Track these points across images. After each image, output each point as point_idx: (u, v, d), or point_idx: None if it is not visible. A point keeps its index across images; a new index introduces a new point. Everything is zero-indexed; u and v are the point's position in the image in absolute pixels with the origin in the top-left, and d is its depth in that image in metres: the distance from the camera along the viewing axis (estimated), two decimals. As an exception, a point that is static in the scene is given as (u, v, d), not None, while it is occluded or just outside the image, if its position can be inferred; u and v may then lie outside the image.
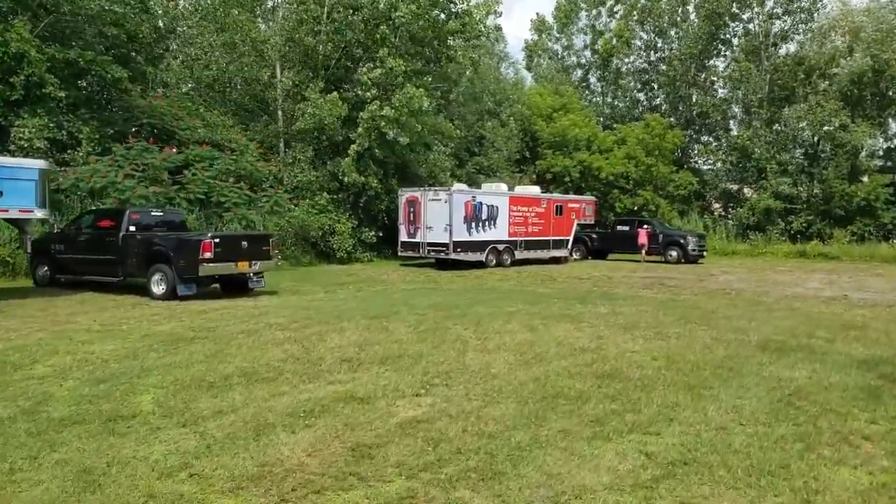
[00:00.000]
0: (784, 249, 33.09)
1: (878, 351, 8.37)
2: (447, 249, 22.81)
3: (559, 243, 27.67)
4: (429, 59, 27.77)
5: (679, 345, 8.56)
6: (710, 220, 37.72)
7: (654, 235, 28.94)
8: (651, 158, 37.22)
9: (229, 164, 21.07)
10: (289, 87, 25.49)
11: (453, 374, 6.66)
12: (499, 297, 13.86)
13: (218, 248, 13.79)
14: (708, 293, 16.37)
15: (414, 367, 6.91)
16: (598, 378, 6.65)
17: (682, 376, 6.78)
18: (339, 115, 24.55)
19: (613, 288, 17.44)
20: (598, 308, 12.34)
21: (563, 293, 15.47)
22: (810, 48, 37.09)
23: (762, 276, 21.92)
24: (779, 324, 10.77)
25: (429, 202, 23.43)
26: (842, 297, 16.17)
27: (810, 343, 8.84)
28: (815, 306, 13.92)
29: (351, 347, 7.89)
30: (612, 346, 8.39)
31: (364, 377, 6.42)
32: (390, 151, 26.32)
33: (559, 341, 8.63)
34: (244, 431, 4.82)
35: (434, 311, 11.18)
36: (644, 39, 46.22)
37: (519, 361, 7.36)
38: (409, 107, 24.57)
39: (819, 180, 35.81)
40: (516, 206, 25.59)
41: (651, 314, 11.59)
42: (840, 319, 11.60)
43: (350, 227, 24.95)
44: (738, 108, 41.06)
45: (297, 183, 25.09)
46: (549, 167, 36.68)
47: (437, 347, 8.01)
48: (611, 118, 44.85)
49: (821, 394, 6.19)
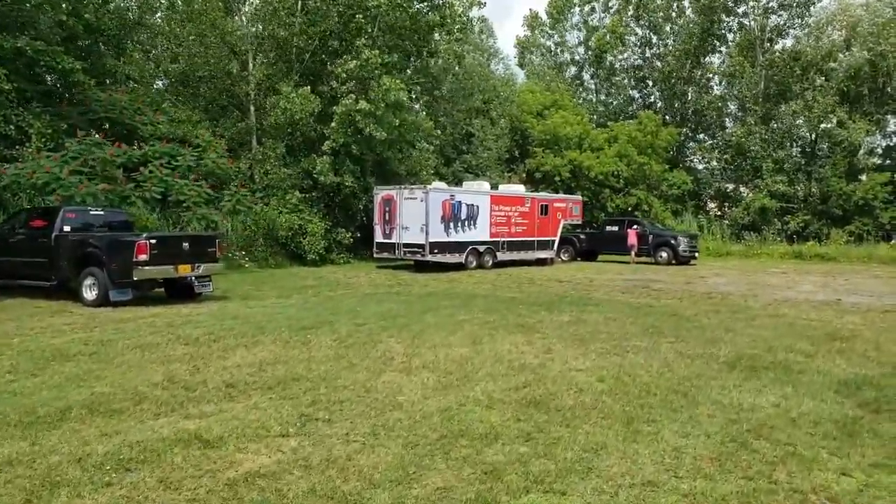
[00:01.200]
0: (780, 250, 31.94)
1: (863, 369, 7.26)
2: (423, 251, 21.71)
3: (544, 244, 26.54)
4: (409, 52, 26.67)
5: (635, 362, 7.46)
6: (705, 220, 36.55)
7: (643, 236, 27.82)
8: (643, 157, 36.07)
9: (190, 161, 20.00)
10: (260, 81, 24.40)
11: (348, 403, 5.56)
12: (460, 304, 12.77)
13: (155, 250, 12.71)
14: (691, 297, 15.28)
15: (306, 394, 5.81)
16: (522, 407, 5.55)
17: (624, 404, 5.68)
18: (312, 109, 23.47)
19: (592, 292, 16.34)
20: (561, 316, 11.24)
21: (534, 298, 14.38)
22: (806, 43, 35.93)
23: (753, 279, 20.81)
24: (758, 334, 9.66)
25: (404, 201, 22.33)
26: (834, 301, 15.08)
27: (787, 359, 7.74)
28: (804, 312, 12.82)
29: (248, 368, 6.80)
30: (557, 364, 7.29)
31: (234, 409, 5.33)
32: (368, 148, 25.24)
33: (499, 357, 7.53)
34: (12, 496, 3.71)
35: (376, 321, 10.08)
36: (638, 35, 45.12)
37: (438, 385, 6.26)
38: (385, 100, 23.49)
39: (816, 179, 34.69)
40: (498, 205, 24.47)
41: (618, 323, 10.49)
42: (827, 328, 10.49)
43: (323, 228, 23.85)
44: (734, 104, 39.91)
45: (268, 181, 24.02)
46: (539, 166, 35.54)
47: (350, 367, 6.92)
48: (605, 116, 43.71)
49: (786, 429, 5.09)
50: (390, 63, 24.46)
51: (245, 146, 25.14)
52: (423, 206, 21.70)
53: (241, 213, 20.45)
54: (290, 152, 25.06)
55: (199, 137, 20.82)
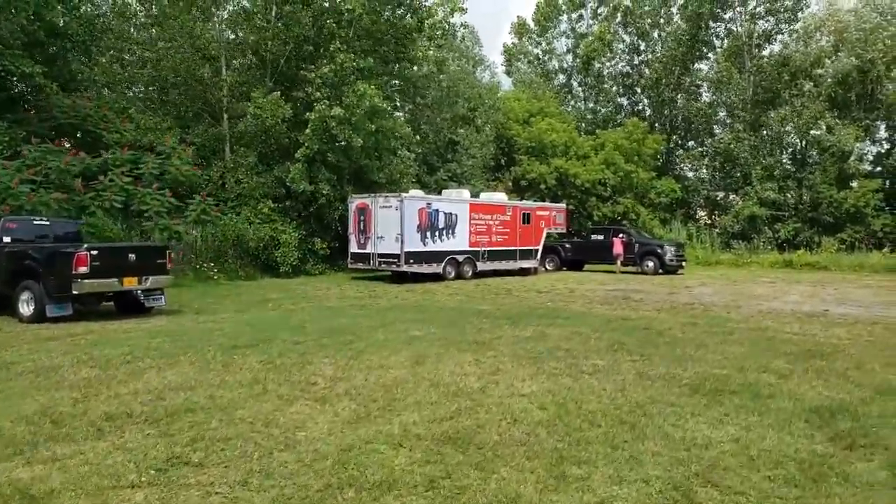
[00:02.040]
0: (770, 259, 31.25)
1: (841, 392, 6.50)
2: (398, 261, 20.94)
3: (527, 253, 25.78)
4: (386, 58, 25.98)
5: (587, 385, 6.69)
6: (694, 228, 35.85)
7: (629, 245, 27.10)
8: (630, 165, 35.41)
9: (153, 169, 19.23)
10: (233, 87, 23.65)
11: (235, 441, 4.77)
12: (421, 318, 11.99)
13: (96, 262, 11.93)
14: (671, 309, 14.54)
15: (192, 428, 5.03)
16: (439, 444, 4.78)
17: (558, 439, 4.91)
18: (283, 116, 22.73)
19: (569, 303, 15.58)
20: (524, 330, 10.46)
21: (504, 310, 13.61)
22: (795, 49, 35.39)
23: (740, 289, 20.08)
24: (732, 351, 8.90)
25: (379, 209, 21.58)
26: (821, 312, 14.37)
27: (758, 381, 6.97)
28: (787, 325, 12.08)
29: (145, 395, 6.01)
30: (500, 388, 6.52)
31: (95, 450, 4.52)
32: (344, 156, 24.52)
33: (437, 381, 6.76)
34: None
35: (318, 338, 9.30)
36: (626, 42, 44.60)
37: (353, 417, 5.48)
38: (361, 106, 22.78)
39: (806, 186, 34.06)
40: (478, 213, 23.72)
41: (582, 339, 9.72)
42: (808, 343, 9.73)
43: (297, 238, 23.05)
44: (723, 111, 39.31)
45: (239, 190, 23.24)
46: (525, 173, 34.84)
47: (261, 395, 6.13)
48: (593, 123, 43.09)
49: (741, 472, 4.31)
50: (366, 68, 23.76)
51: (218, 154, 24.38)
52: (398, 214, 20.96)
53: (207, 223, 19.63)
54: (263, 160, 24.31)
55: (162, 144, 20.02)
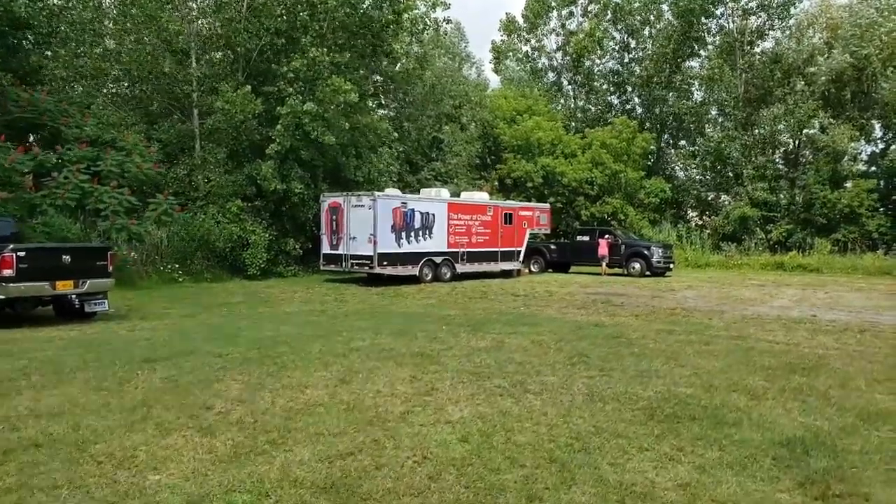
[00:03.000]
0: (761, 261, 30.37)
1: (819, 419, 5.60)
2: (371, 263, 20.03)
3: (509, 255, 24.87)
4: (363, 52, 25.06)
5: (528, 409, 5.79)
6: (684, 229, 34.94)
7: (615, 246, 26.22)
8: (619, 164, 34.50)
9: (112, 167, 18.27)
10: (201, 80, 22.69)
11: (57, 490, 3.86)
12: (376, 326, 11.09)
13: (24, 264, 11.04)
14: (650, 314, 13.67)
15: (13, 474, 4.11)
16: (315, 492, 3.87)
17: (466, 486, 4.01)
18: (253, 111, 21.81)
19: (544, 308, 14.70)
20: (481, 340, 9.57)
21: (469, 316, 12.72)
22: (787, 45, 34.53)
23: (727, 292, 19.22)
24: (704, 365, 8.02)
25: (352, 209, 20.68)
26: (809, 318, 13.52)
27: (726, 403, 6.08)
28: (770, 333, 11.22)
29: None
30: (426, 413, 5.61)
31: None
32: (319, 153, 23.61)
33: (356, 404, 5.85)
34: None
35: (247, 350, 8.39)
36: (616, 40, 43.71)
37: (231, 453, 4.56)
38: (334, 101, 21.88)
39: (799, 186, 33.22)
40: (457, 213, 22.80)
41: (542, 349, 8.83)
42: (791, 355, 8.86)
43: (267, 239, 22.13)
44: (714, 110, 38.43)
45: (208, 188, 22.31)
46: (510, 172, 33.92)
47: (139, 422, 5.21)
48: (583, 122, 42.17)
49: (682, 534, 3.43)
50: (341, 63, 22.85)
51: (187, 151, 23.44)
52: (371, 214, 20.07)
53: (168, 223, 18.68)
54: (233, 158, 23.37)
55: (122, 140, 19.05)
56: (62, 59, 21.33)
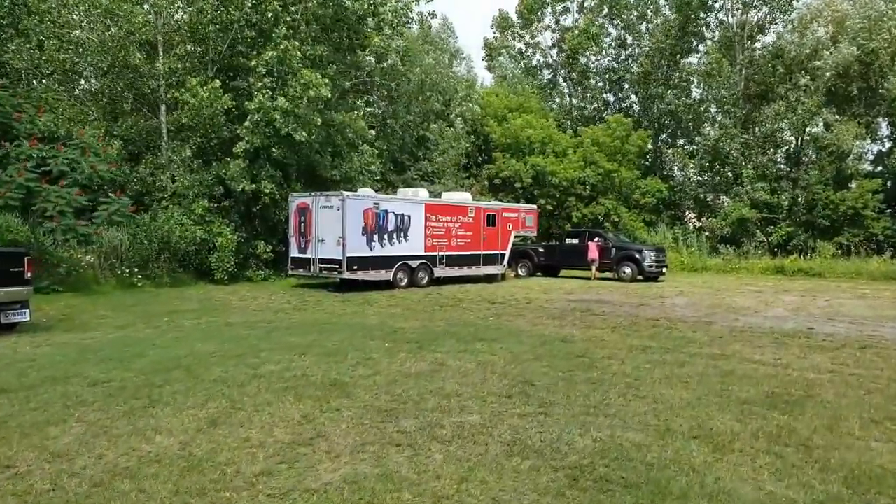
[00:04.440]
0: (760, 265, 29.00)
1: (793, 487, 4.31)
2: (340, 267, 18.79)
3: (492, 258, 23.57)
4: (339, 46, 23.81)
5: (422, 468, 4.53)
6: (681, 231, 33.57)
7: (605, 249, 24.92)
8: (613, 163, 33.15)
9: (63, 165, 17.11)
10: (168, 75, 21.49)
11: None
12: (307, 343, 9.85)
13: (-81, 272, 9.87)
14: (629, 326, 12.41)
15: None
16: None
17: None
18: (221, 107, 20.60)
19: (515, 318, 13.45)
20: (420, 361, 8.31)
21: (425, 329, 11.47)
22: (790, 40, 33.12)
23: (720, 300, 17.92)
24: (669, 396, 6.75)
25: (320, 210, 19.44)
26: (805, 331, 12.26)
27: (679, 458, 4.80)
28: (758, 350, 9.97)
29: None
30: (290, 474, 4.37)
31: None
32: (291, 151, 22.39)
33: (202, 460, 4.61)
34: None
35: (134, 376, 7.16)
36: (613, 36, 42.37)
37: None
38: (306, 96, 20.66)
39: (801, 186, 31.81)
40: (435, 215, 21.53)
41: (484, 374, 7.57)
42: (776, 381, 7.59)
43: (235, 242, 20.91)
44: (713, 107, 37.01)
45: (174, 188, 21.12)
46: (499, 171, 32.63)
47: None
48: (578, 120, 40.84)
49: None
50: (315, 56, 21.62)
51: (153, 149, 22.25)
52: (339, 215, 18.82)
53: (119, 224, 17.45)
54: (201, 156, 22.17)
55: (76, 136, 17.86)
56: (23, 51, 20.17)
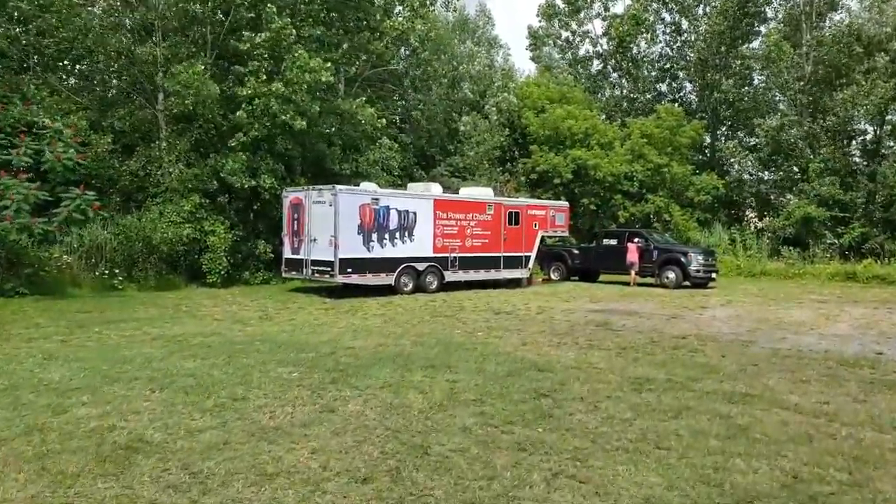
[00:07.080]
0: (828, 270, 25.42)
1: None
2: (332, 270, 16.78)
3: (514, 261, 21.10)
4: (345, 28, 21.87)
5: None
6: (738, 232, 30.19)
7: (647, 252, 22.11)
8: (664, 157, 30.08)
9: (27, 156, 15.71)
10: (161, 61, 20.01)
11: None
12: (191, 369, 7.83)
13: None
14: (644, 347, 9.92)
15: None
16: None
17: None
18: (212, 95, 18.95)
19: (503, 335, 11.03)
20: (304, 406, 6.15)
21: (375, 350, 9.30)
22: (866, 17, 29.31)
23: (772, 312, 15.01)
24: (618, 485, 4.36)
25: (313, 205, 17.50)
26: (871, 357, 9.52)
27: None
28: (800, 387, 7.40)
29: None
30: None
31: None
32: (295, 142, 20.64)
33: None
34: None
35: None
36: (667, 21, 39.10)
37: None
38: (303, 81, 18.83)
39: (879, 182, 28.00)
40: (446, 212, 19.26)
41: (364, 432, 5.34)
42: (808, 448, 5.07)
43: (230, 241, 19.25)
44: (778, 95, 33.34)
45: (167, 183, 19.61)
46: (535, 165, 30.01)
47: None
48: (628, 112, 37.76)
49: None
50: (313, 36, 19.75)
51: (147, 139, 20.81)
52: (332, 211, 16.83)
53: (82, 222, 15.89)
54: (198, 148, 20.61)
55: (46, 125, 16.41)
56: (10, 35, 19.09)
